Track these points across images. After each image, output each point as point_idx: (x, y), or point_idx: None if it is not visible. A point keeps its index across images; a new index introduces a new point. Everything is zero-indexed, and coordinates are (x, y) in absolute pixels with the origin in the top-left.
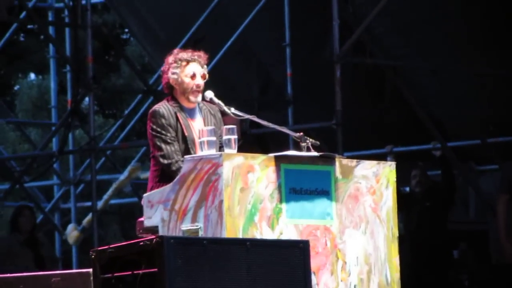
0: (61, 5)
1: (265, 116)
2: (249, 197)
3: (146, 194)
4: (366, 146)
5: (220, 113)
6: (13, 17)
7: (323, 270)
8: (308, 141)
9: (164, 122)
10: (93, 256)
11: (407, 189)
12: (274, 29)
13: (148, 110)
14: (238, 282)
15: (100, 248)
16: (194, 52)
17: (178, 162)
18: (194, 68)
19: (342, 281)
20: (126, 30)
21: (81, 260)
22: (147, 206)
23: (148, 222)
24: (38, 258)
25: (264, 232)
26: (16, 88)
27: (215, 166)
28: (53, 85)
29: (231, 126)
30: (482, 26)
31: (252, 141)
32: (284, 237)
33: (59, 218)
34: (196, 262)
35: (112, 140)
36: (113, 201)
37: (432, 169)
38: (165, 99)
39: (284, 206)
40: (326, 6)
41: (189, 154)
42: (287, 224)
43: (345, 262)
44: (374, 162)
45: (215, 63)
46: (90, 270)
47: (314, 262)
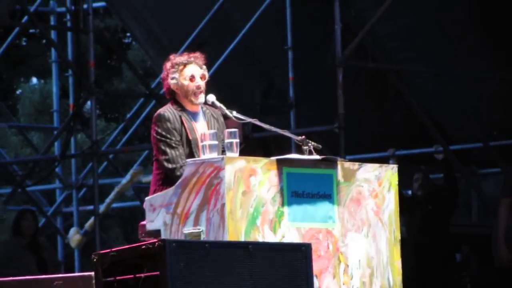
0: (63, 9)
1: (267, 119)
2: (251, 200)
3: (148, 197)
4: (368, 150)
5: (223, 117)
6: (15, 21)
7: (325, 273)
8: (310, 144)
9: (169, 126)
10: (95, 259)
11: (410, 192)
12: (276, 32)
13: (150, 114)
14: (240, 285)
15: (102, 251)
16: (191, 54)
17: (183, 167)
18: (192, 69)
19: (344, 284)
20: (128, 34)
21: (83, 263)
22: (149, 209)
23: (150, 226)
24: (40, 262)
25: (266, 235)
26: (18, 92)
27: (217, 169)
28: (55, 89)
29: (233, 130)
30: (484, 29)
31: (254, 144)
32: (286, 240)
33: (61, 222)
34: (198, 266)
35: (114, 144)
36: (115, 204)
37: (434, 172)
38: (169, 103)
39: (286, 209)
40: (328, 10)
41: (193, 158)
42: (289, 227)
43: (347, 265)
44: (376, 165)
45: (217, 67)
46: (92, 273)
47: (316, 266)
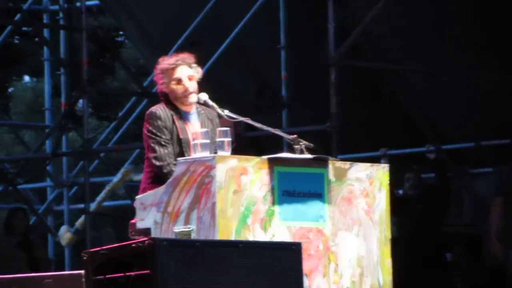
0: (56, 7)
1: (260, 119)
2: (242, 199)
3: (139, 196)
4: (360, 149)
5: (217, 118)
6: (8, 19)
7: (316, 272)
8: (301, 143)
9: (160, 124)
10: (85, 257)
11: (401, 191)
12: (270, 32)
13: (142, 112)
14: (230, 284)
15: (92, 249)
16: (179, 55)
17: (170, 165)
18: (180, 72)
19: (334, 283)
20: (122, 32)
21: (74, 262)
22: (140, 208)
23: (140, 224)
24: (31, 260)
25: (257, 234)
26: (10, 90)
27: (209, 168)
28: (47, 87)
29: (225, 128)
30: (479, 29)
31: (246, 143)
32: (276, 239)
33: (53, 220)
34: (188, 264)
35: (105, 142)
36: (106, 203)
37: (426, 172)
38: (162, 102)
39: (277, 208)
40: (321, 9)
41: (183, 157)
42: (280, 226)
43: (337, 265)
44: (368, 164)
45: (211, 66)
46: (83, 272)
47: (306, 265)
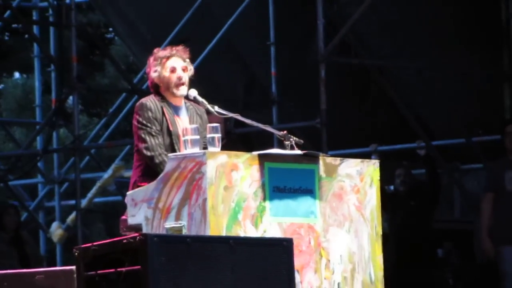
0: (45, 4)
1: (249, 115)
2: (233, 195)
3: (130, 192)
4: (350, 145)
5: (206, 114)
6: None
7: (307, 268)
8: (292, 139)
9: (150, 115)
10: (76, 253)
11: (392, 188)
12: (259, 28)
13: (132, 109)
14: (221, 280)
15: (84, 246)
16: (174, 47)
17: (162, 155)
18: (174, 62)
19: (326, 279)
20: (111, 29)
21: (65, 258)
22: (131, 204)
23: (131, 220)
24: (22, 257)
25: (248, 230)
26: (0, 87)
27: (199, 164)
28: (37, 84)
29: (215, 125)
30: (468, 25)
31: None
32: (268, 235)
33: (44, 216)
34: (179, 260)
35: (96, 139)
36: (97, 199)
37: (416, 168)
38: (152, 94)
39: (268, 204)
40: (311, 6)
41: (173, 149)
42: (271, 222)
43: (328, 261)
44: (358, 160)
45: (200, 63)
46: (74, 267)
47: (297, 261)
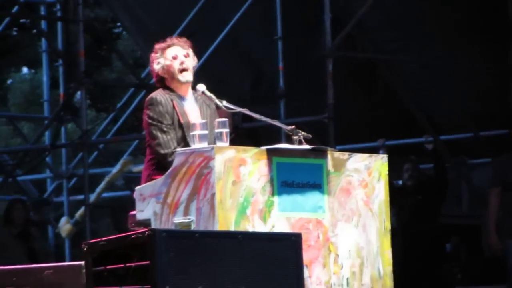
0: None
1: (257, 110)
2: (241, 190)
3: (138, 187)
4: (358, 140)
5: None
6: (5, 11)
7: (315, 263)
8: (300, 134)
9: (161, 109)
10: (85, 249)
11: (400, 182)
12: (266, 22)
13: (140, 104)
14: (230, 275)
15: (92, 241)
16: (174, 37)
17: (174, 153)
18: (175, 50)
19: (334, 274)
20: (118, 24)
21: (73, 253)
22: (139, 199)
23: (140, 216)
24: (30, 251)
25: (256, 225)
26: (8, 82)
27: (207, 159)
28: (45, 79)
29: (223, 120)
30: (474, 20)
31: (244, 134)
32: (276, 230)
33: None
34: (188, 255)
35: (104, 134)
36: (105, 194)
37: (424, 162)
38: (159, 89)
39: (276, 199)
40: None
41: (186, 141)
42: (279, 217)
43: (337, 255)
44: (366, 155)
45: (207, 58)
46: (82, 263)
47: (306, 255)
